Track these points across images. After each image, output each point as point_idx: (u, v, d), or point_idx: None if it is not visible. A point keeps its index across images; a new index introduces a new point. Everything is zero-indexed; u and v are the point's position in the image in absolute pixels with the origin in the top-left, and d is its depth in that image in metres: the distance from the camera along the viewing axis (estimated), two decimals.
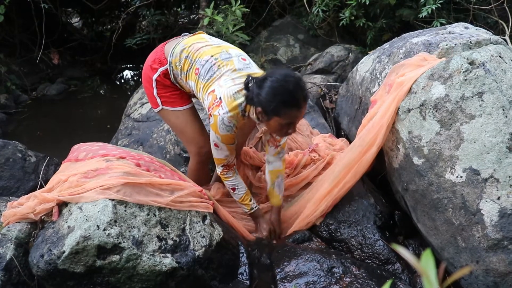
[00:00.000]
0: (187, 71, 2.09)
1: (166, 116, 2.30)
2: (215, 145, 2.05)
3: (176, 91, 2.24)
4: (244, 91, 1.92)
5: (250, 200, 2.24)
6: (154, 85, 2.22)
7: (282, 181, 2.29)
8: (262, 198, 2.52)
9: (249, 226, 2.33)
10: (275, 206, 2.30)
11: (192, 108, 2.31)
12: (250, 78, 1.91)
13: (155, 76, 2.20)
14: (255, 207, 2.25)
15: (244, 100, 1.92)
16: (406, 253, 0.51)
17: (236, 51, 2.11)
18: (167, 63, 2.16)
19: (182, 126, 2.29)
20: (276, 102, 1.82)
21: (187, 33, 2.25)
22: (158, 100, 2.24)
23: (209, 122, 2.00)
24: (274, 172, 2.25)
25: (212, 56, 2.04)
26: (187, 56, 2.08)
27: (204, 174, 2.49)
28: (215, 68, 2.01)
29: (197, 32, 2.24)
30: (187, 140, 2.35)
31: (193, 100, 2.36)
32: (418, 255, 2.04)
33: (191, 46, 2.10)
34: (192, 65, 2.07)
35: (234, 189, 2.20)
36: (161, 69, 2.18)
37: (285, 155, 2.31)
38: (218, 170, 2.18)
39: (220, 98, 1.93)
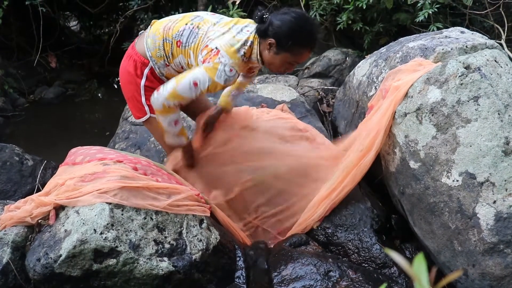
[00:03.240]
0: (170, 51, 2.06)
1: (153, 123, 2.22)
2: (195, 84, 1.91)
3: None
4: (244, 30, 1.94)
5: (186, 133, 2.22)
6: (142, 92, 2.14)
7: (238, 95, 2.42)
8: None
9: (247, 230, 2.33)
10: (220, 106, 2.36)
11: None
12: (263, 11, 1.91)
13: (143, 82, 2.13)
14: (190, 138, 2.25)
15: (246, 41, 1.92)
16: (397, 257, 0.52)
17: (202, 12, 2.12)
18: (149, 61, 2.11)
19: None
20: (295, 39, 1.87)
21: (143, 30, 2.22)
22: (146, 108, 2.17)
23: (201, 62, 1.93)
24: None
25: (185, 24, 2.03)
26: (165, 39, 2.05)
27: None
28: (196, 30, 2.00)
29: (152, 22, 2.18)
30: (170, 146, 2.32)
31: None
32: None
33: (161, 30, 2.07)
34: (171, 42, 2.04)
35: (177, 122, 2.09)
36: (146, 71, 2.12)
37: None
38: (169, 103, 1.96)
39: (216, 48, 1.90)
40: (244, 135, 2.45)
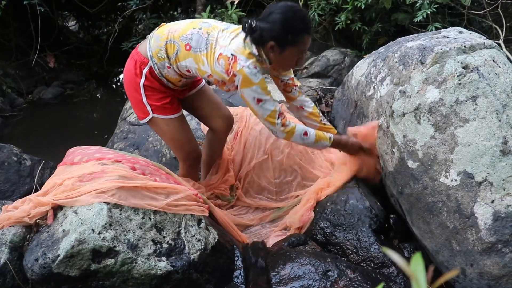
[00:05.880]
0: (175, 53, 2.06)
1: (157, 124, 2.24)
2: (258, 100, 1.96)
3: (166, 98, 2.19)
4: (248, 37, 1.95)
5: (324, 133, 2.16)
6: (142, 92, 2.15)
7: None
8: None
9: (238, 226, 2.34)
10: (336, 135, 2.32)
11: (182, 116, 2.30)
12: (250, 20, 1.93)
13: (142, 81, 2.13)
14: (332, 135, 2.17)
15: (253, 46, 1.95)
16: (395, 256, 0.52)
17: (209, 19, 2.15)
18: (149, 61, 2.11)
19: (172, 134, 2.27)
20: (292, 31, 1.91)
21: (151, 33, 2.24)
22: (148, 108, 2.17)
23: (239, 85, 1.94)
24: (314, 113, 2.35)
25: (194, 28, 2.04)
26: (169, 40, 2.06)
27: (195, 179, 2.49)
28: (205, 35, 2.01)
29: (161, 25, 2.20)
30: (177, 147, 2.35)
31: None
32: None
33: (167, 32, 2.08)
34: (178, 45, 2.04)
35: (306, 134, 2.07)
36: (145, 70, 2.12)
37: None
38: (278, 127, 2.01)
39: (232, 54, 1.93)
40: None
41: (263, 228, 2.45)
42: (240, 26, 2.03)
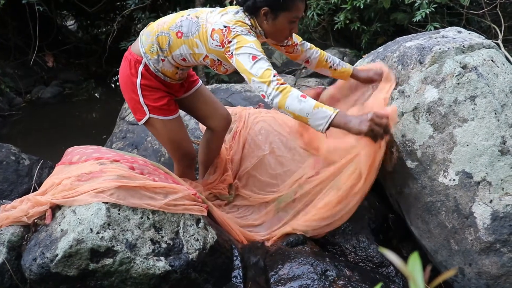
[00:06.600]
0: (167, 44, 2.06)
1: (153, 125, 2.21)
2: (254, 57, 1.82)
3: (163, 98, 2.17)
4: (240, 12, 1.97)
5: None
6: (139, 92, 2.13)
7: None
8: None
9: (245, 227, 2.33)
10: (350, 73, 2.36)
11: (178, 117, 2.29)
12: None
13: (138, 81, 2.12)
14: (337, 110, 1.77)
15: (246, 18, 1.96)
16: (392, 256, 0.52)
17: (196, 8, 2.17)
18: (142, 58, 2.10)
19: (169, 135, 2.26)
20: None
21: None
22: (145, 109, 2.15)
23: (233, 50, 1.88)
24: (320, 62, 2.37)
25: (182, 16, 2.06)
26: (159, 33, 2.06)
27: (192, 178, 2.49)
28: (195, 19, 2.02)
29: (149, 24, 2.21)
30: (173, 148, 2.34)
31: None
32: None
33: (156, 26, 2.10)
34: (168, 35, 2.05)
35: (304, 96, 1.75)
36: (140, 68, 2.11)
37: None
38: (273, 85, 1.76)
39: (224, 26, 1.92)
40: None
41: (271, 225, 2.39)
42: (226, 8, 2.06)
